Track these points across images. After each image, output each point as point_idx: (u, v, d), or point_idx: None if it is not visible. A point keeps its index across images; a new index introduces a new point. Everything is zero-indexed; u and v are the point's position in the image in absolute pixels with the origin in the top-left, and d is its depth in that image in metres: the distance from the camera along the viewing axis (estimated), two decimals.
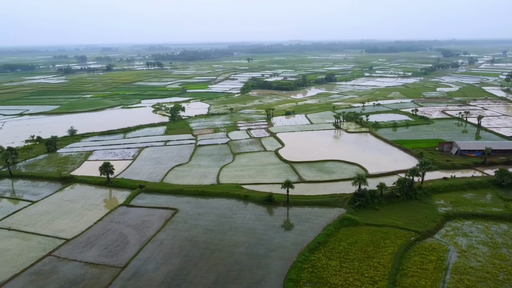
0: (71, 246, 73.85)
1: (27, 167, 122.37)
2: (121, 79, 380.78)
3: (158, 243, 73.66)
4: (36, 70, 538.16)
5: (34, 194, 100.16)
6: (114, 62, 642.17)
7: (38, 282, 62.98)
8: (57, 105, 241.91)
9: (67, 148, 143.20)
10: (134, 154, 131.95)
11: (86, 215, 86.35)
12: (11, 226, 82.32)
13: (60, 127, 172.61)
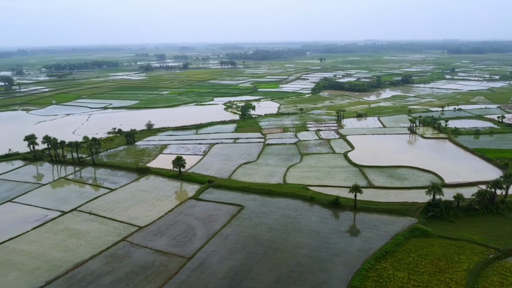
0: (143, 233, 78.36)
1: (108, 157, 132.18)
2: (196, 77, 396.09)
3: (223, 237, 75.53)
4: (119, 67, 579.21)
5: (113, 182, 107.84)
6: (190, 60, 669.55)
7: (113, 264, 67.67)
8: (137, 100, 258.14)
9: (144, 141, 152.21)
10: (205, 149, 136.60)
11: (158, 205, 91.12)
12: (92, 210, 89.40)
13: (139, 121, 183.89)
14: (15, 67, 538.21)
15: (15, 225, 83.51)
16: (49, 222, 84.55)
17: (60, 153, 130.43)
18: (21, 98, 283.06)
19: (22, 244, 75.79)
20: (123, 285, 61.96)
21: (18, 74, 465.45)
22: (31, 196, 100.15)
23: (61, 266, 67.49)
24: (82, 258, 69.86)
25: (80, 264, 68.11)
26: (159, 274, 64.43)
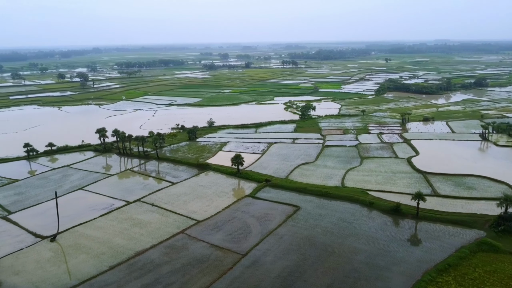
0: (200, 227, 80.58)
1: (171, 151, 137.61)
2: (258, 76, 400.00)
3: (278, 237, 75.53)
4: (185, 66, 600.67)
5: (175, 176, 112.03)
6: (252, 60, 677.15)
7: (171, 255, 70.30)
8: (200, 98, 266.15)
9: (205, 137, 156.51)
10: (263, 148, 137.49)
11: (216, 201, 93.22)
12: (154, 202, 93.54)
13: (201, 118, 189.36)
14: (90, 64, 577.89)
15: (85, 212, 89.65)
16: (115, 211, 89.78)
17: (127, 146, 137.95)
18: (94, 93, 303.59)
19: (90, 229, 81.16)
20: (179, 275, 64.15)
21: (92, 71, 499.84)
22: (100, 185, 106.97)
23: (123, 253, 71.33)
24: (143, 247, 73.32)
25: (141, 252, 71.53)
26: (214, 268, 65.88)
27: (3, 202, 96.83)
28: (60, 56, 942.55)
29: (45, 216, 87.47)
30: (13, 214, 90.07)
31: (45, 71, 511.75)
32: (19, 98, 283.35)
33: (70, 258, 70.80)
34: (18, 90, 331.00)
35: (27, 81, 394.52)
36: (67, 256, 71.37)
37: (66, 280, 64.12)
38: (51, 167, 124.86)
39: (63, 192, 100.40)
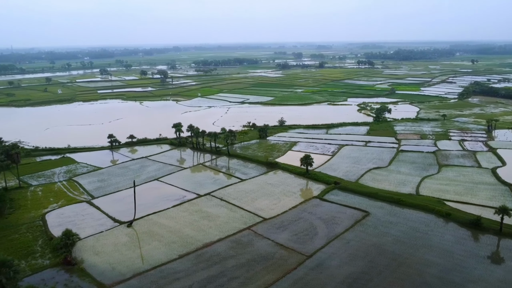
0: (266, 225, 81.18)
1: (241, 148, 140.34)
2: (331, 76, 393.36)
3: (344, 241, 73.68)
4: (258, 64, 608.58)
5: (244, 173, 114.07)
6: (326, 59, 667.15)
7: (237, 250, 71.68)
8: (271, 97, 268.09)
9: (275, 136, 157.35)
10: (333, 150, 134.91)
11: (283, 200, 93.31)
12: (223, 197, 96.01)
13: (272, 116, 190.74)
14: (170, 62, 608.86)
15: (159, 201, 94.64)
16: (186, 203, 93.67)
17: (201, 141, 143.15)
18: (172, 90, 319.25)
19: (163, 218, 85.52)
20: (244, 271, 65.18)
21: (172, 68, 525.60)
22: (173, 177, 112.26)
23: (192, 244, 74.13)
24: (211, 239, 75.60)
25: (209, 244, 73.81)
26: (278, 267, 65.99)
27: (88, 187, 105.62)
28: (143, 54, 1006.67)
29: (123, 203, 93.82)
30: (96, 199, 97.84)
31: (129, 67, 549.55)
32: (106, 93, 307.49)
33: (144, 244, 75.19)
34: (105, 85, 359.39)
35: (113, 76, 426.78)
36: (141, 242, 75.90)
37: (139, 264, 68.20)
38: (131, 157, 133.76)
39: (140, 182, 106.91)
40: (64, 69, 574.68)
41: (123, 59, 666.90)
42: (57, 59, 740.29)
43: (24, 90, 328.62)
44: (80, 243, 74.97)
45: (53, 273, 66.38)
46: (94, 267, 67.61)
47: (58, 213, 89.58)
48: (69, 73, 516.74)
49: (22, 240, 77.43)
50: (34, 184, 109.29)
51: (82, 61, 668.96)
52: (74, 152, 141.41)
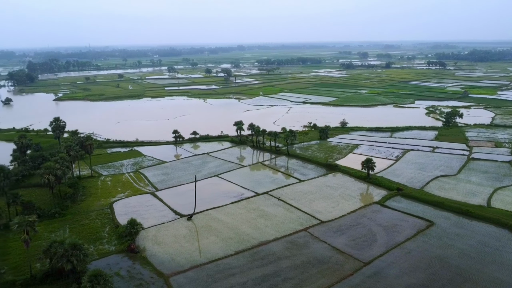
0: (323, 228, 79.91)
1: (301, 149, 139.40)
2: (398, 77, 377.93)
3: (405, 251, 70.48)
4: (322, 64, 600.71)
5: (303, 174, 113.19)
6: (394, 59, 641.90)
7: (292, 250, 71.34)
8: (334, 98, 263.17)
9: (336, 138, 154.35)
10: (397, 155, 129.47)
11: (341, 204, 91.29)
12: (280, 197, 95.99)
13: (333, 117, 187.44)
14: (234, 60, 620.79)
15: (218, 197, 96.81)
16: (244, 200, 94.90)
17: (261, 140, 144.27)
18: (235, 88, 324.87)
19: (221, 214, 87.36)
20: (298, 272, 64.71)
21: (235, 67, 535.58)
22: (233, 174, 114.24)
23: (248, 241, 74.95)
24: (267, 238, 75.93)
25: (264, 243, 74.19)
26: (334, 271, 64.70)
27: (152, 179, 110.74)
28: (208, 52, 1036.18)
29: (184, 196, 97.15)
30: (160, 191, 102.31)
31: (195, 66, 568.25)
32: (172, 90, 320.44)
33: (202, 237, 77.33)
34: (172, 82, 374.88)
35: (180, 74, 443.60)
36: (200, 236, 78.13)
37: (196, 257, 70.27)
38: (193, 153, 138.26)
39: (201, 177, 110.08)
40: (135, 66, 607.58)
41: (189, 58, 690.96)
42: (129, 57, 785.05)
43: (99, 86, 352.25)
44: (143, 233, 78.83)
45: (117, 259, 70.44)
46: (155, 256, 70.77)
47: (124, 203, 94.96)
48: (139, 70, 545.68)
49: (91, 226, 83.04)
50: (104, 174, 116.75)
51: (152, 59, 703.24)
52: (141, 145, 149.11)
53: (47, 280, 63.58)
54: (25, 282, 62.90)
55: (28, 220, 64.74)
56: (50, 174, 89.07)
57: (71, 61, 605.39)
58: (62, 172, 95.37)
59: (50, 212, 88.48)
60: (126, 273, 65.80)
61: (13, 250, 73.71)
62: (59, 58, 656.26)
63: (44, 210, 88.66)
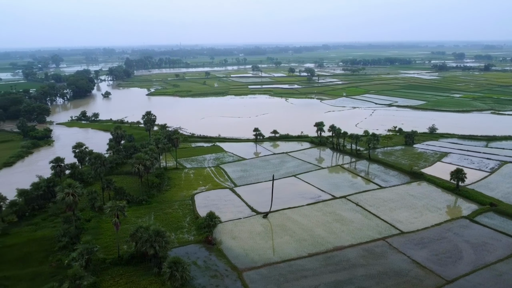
0: (403, 239, 75.87)
1: (383, 154, 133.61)
2: (498, 81, 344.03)
3: (496, 273, 64.19)
4: (412, 65, 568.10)
5: (384, 180, 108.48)
6: (495, 61, 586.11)
7: (368, 259, 68.83)
8: (423, 101, 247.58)
9: (423, 144, 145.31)
10: (493, 166, 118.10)
11: (425, 215, 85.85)
12: (359, 202, 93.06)
13: (421, 122, 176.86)
14: (318, 60, 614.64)
15: (294, 197, 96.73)
16: (320, 202, 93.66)
17: (341, 142, 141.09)
18: (318, 88, 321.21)
19: (296, 215, 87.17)
20: (373, 282, 62.27)
21: (319, 67, 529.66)
22: (310, 175, 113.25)
23: (322, 245, 73.88)
24: (342, 243, 74.17)
25: (339, 248, 72.56)
26: (412, 286, 61.17)
27: (232, 175, 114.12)
28: (293, 51, 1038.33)
29: (261, 194, 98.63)
30: (238, 187, 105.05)
31: (278, 65, 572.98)
32: (255, 88, 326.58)
33: (276, 236, 77.90)
34: (255, 80, 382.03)
35: (263, 73, 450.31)
36: (274, 234, 78.79)
37: (270, 255, 70.99)
38: (272, 151, 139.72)
39: (279, 176, 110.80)
40: (221, 64, 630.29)
41: (273, 56, 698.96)
42: (216, 55, 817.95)
43: (187, 82, 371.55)
44: (220, 226, 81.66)
45: (195, 249, 73.84)
46: (230, 250, 72.92)
47: (205, 196, 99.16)
48: (225, 68, 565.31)
49: (174, 215, 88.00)
50: (188, 167, 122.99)
51: (237, 57, 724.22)
52: (223, 141, 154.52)
53: (132, 261, 68.82)
54: (113, 261, 68.75)
55: (119, 205, 70.45)
56: (140, 164, 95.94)
57: (163, 58, 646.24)
58: (151, 162, 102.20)
59: (138, 199, 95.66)
60: (202, 263, 68.73)
61: (105, 231, 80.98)
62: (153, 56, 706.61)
63: (133, 197, 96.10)
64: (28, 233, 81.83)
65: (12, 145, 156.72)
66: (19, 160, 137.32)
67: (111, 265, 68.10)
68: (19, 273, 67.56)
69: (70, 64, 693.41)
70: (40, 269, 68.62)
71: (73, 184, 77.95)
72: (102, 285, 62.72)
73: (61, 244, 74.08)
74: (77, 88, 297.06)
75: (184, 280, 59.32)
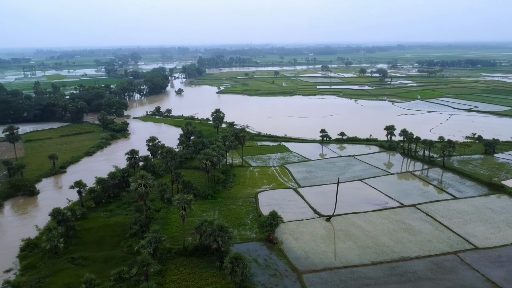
0: (478, 255, 70.46)
1: (459, 162, 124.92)
2: None
3: None
4: (496, 67, 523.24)
5: (458, 190, 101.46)
6: None
7: (436, 273, 64.86)
8: (508, 107, 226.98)
9: (506, 154, 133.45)
10: None
11: (504, 231, 78.94)
12: (429, 212, 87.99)
13: (505, 130, 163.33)
14: (391, 60, 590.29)
15: (359, 203, 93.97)
16: (387, 210, 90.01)
17: (413, 148, 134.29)
18: (390, 90, 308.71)
19: (361, 220, 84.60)
20: None
21: (392, 68, 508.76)
22: (378, 181, 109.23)
23: (387, 254, 70.98)
24: (409, 254, 70.69)
25: (405, 259, 69.24)
26: None
27: (296, 176, 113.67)
28: (365, 51, 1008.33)
29: (325, 196, 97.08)
30: (302, 188, 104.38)
31: (349, 65, 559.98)
32: (324, 88, 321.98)
33: (339, 241, 76.27)
34: (324, 81, 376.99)
35: (333, 73, 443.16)
36: (337, 239, 77.21)
37: (331, 259, 69.73)
38: (338, 154, 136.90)
39: (344, 180, 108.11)
40: (290, 64, 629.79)
41: (344, 56, 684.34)
42: (285, 55, 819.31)
43: (256, 81, 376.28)
44: (282, 226, 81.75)
45: (256, 246, 74.64)
46: (291, 250, 72.72)
47: (268, 194, 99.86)
48: (294, 68, 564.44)
49: (237, 212, 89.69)
50: (253, 165, 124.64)
51: (307, 57, 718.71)
52: (289, 141, 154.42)
53: (195, 253, 71.32)
54: (178, 251, 71.76)
55: (186, 198, 73.27)
56: (208, 160, 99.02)
57: (234, 57, 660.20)
58: (218, 159, 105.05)
59: (204, 194, 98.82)
60: (262, 261, 69.30)
61: (172, 222, 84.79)
62: (224, 55, 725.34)
63: (199, 191, 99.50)
64: (104, 218, 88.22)
65: (93, 136, 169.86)
66: (98, 150, 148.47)
67: (176, 255, 71.12)
68: (94, 255, 73.05)
69: (148, 62, 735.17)
70: (112, 253, 73.63)
71: (146, 175, 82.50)
72: (167, 273, 65.78)
73: (132, 231, 78.94)
74: (152, 84, 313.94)
75: (244, 276, 60.30)
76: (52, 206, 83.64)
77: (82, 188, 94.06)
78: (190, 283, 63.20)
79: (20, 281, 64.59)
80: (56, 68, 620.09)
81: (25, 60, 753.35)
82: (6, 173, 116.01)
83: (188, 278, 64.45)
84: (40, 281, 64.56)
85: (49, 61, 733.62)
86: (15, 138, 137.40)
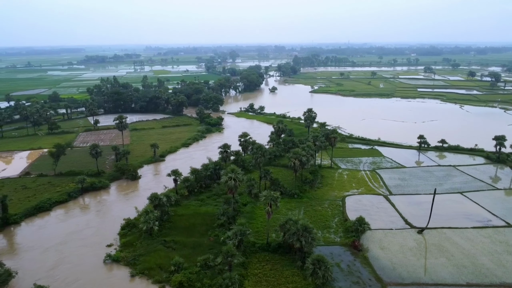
0: None
1: None
2: None
3: None
4: None
5: None
6: None
7: None
8: None
9: None
10: None
11: None
12: None
13: None
14: (506, 63, 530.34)
15: (457, 217, 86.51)
16: (490, 228, 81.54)
17: None
18: (503, 95, 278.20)
19: (457, 237, 77.86)
20: None
21: (507, 71, 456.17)
22: (481, 195, 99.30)
23: (487, 276, 64.53)
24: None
25: (508, 286, 62.22)
26: None
27: (388, 182, 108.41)
28: (475, 53, 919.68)
29: (419, 207, 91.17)
30: (393, 195, 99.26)
31: (456, 67, 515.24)
32: (425, 91, 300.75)
33: (430, 256, 71.18)
34: (426, 83, 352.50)
35: (437, 75, 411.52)
36: (428, 253, 72.15)
37: (420, 274, 65.45)
38: (437, 163, 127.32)
39: (442, 191, 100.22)
40: (389, 64, 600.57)
41: (451, 58, 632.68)
42: (385, 55, 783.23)
43: (351, 82, 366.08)
44: (369, 233, 78.74)
45: (340, 251, 72.98)
46: (376, 260, 69.78)
47: (356, 199, 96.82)
48: (393, 69, 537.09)
49: (323, 213, 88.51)
50: (342, 167, 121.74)
51: (408, 58, 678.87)
52: (382, 145, 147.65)
53: (278, 250, 72.13)
54: (262, 246, 73.26)
55: (273, 195, 74.30)
56: (297, 159, 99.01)
57: (330, 56, 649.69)
58: (307, 159, 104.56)
59: (291, 192, 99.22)
60: (345, 267, 67.58)
61: (257, 217, 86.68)
62: (320, 54, 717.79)
63: (286, 189, 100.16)
64: (195, 207, 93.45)
65: (191, 128, 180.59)
66: (194, 142, 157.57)
67: (259, 249, 72.70)
68: (184, 240, 77.85)
69: (245, 60, 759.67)
70: (200, 240, 77.76)
71: (236, 170, 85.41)
72: (249, 266, 67.58)
73: (220, 222, 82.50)
74: (248, 81, 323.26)
75: (325, 280, 59.50)
76: (151, 191, 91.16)
77: (178, 176, 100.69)
78: (270, 279, 64.16)
79: (119, 256, 71.76)
80: (162, 63, 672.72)
81: (136, 55, 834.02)
82: (114, 158, 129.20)
83: (269, 274, 65.51)
84: (135, 259, 71.03)
85: (156, 57, 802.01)
86: (123, 126, 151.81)
